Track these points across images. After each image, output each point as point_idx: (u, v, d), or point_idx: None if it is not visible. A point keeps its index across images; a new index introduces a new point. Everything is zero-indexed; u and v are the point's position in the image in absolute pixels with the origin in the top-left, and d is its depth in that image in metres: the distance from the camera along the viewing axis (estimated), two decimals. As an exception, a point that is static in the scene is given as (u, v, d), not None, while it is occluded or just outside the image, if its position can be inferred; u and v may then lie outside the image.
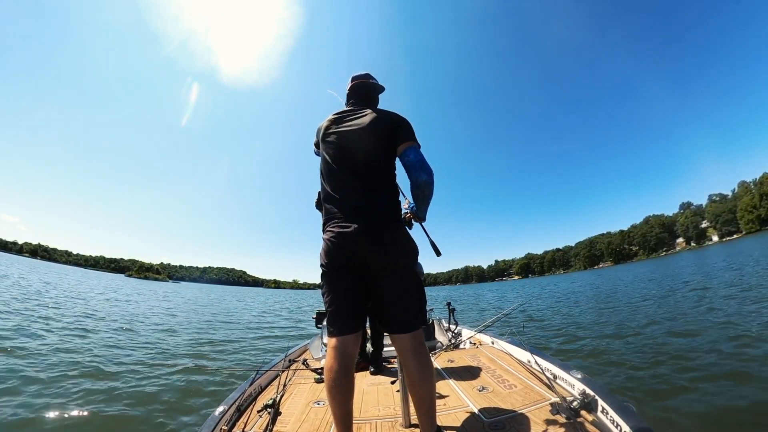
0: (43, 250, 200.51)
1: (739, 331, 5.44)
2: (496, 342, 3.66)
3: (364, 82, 2.05)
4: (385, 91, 2.13)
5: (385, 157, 1.85)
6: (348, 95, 2.07)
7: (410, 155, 1.80)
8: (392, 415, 2.14)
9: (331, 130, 1.92)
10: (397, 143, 1.83)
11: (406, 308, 1.76)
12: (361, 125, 1.85)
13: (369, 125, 1.84)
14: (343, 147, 1.86)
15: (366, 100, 2.04)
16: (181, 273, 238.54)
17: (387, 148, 1.84)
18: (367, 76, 2.07)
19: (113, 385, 4.32)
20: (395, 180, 1.93)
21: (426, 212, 1.99)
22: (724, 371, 3.93)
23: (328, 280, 1.79)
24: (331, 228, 1.78)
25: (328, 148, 1.90)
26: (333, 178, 1.86)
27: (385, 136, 1.83)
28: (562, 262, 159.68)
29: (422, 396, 1.70)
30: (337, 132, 1.90)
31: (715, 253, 40.18)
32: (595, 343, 6.16)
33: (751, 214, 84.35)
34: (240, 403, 2.31)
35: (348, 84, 2.09)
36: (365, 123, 1.85)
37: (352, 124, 1.88)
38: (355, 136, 1.85)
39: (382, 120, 1.86)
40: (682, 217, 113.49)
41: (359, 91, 2.05)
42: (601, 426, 1.83)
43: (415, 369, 1.68)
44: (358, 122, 1.87)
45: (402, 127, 1.86)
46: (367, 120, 1.85)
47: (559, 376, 2.42)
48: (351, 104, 2.03)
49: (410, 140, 1.83)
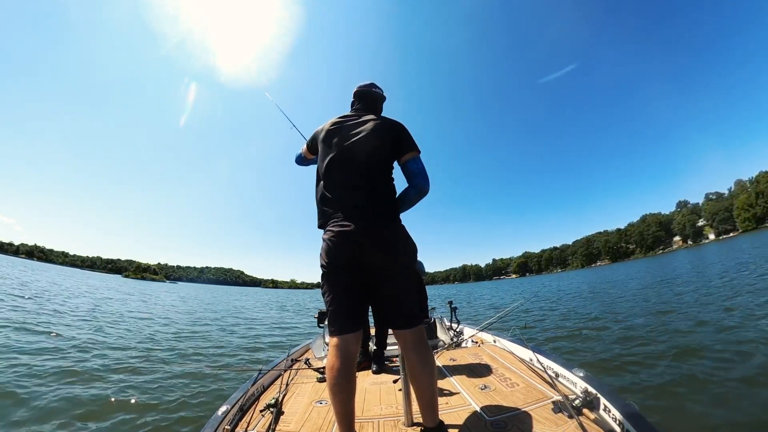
0: (39, 252, 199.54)
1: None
2: (498, 340, 3.66)
3: (368, 90, 2.15)
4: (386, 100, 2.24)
5: (386, 161, 1.94)
6: (353, 101, 2.17)
7: (414, 165, 1.94)
8: (395, 414, 2.14)
9: (334, 133, 1.98)
10: (402, 152, 1.95)
11: (407, 306, 1.80)
12: (365, 130, 1.92)
13: (372, 130, 1.92)
14: (346, 149, 1.91)
15: (369, 106, 2.12)
16: (178, 273, 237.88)
17: (388, 154, 1.93)
18: (371, 85, 2.17)
19: (114, 386, 4.31)
20: (393, 182, 1.98)
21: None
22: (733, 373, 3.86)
23: (329, 279, 1.81)
24: (330, 228, 1.81)
25: (330, 150, 1.95)
26: (333, 179, 1.90)
27: (387, 142, 1.92)
28: (560, 260, 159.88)
29: (423, 388, 1.76)
30: (341, 135, 1.95)
31: (712, 252, 40.28)
32: (596, 341, 6.17)
33: (748, 213, 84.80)
34: (243, 402, 2.30)
35: (354, 90, 2.18)
36: (369, 128, 1.93)
37: (356, 128, 1.95)
38: (359, 140, 1.91)
39: (385, 127, 1.95)
40: (679, 216, 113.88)
41: (364, 97, 2.14)
42: (603, 424, 1.83)
43: (417, 362, 1.75)
44: (362, 127, 1.94)
45: (404, 136, 1.97)
46: (371, 126, 1.93)
47: (561, 374, 2.42)
48: (355, 110, 2.13)
49: (414, 150, 1.95)
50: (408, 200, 1.97)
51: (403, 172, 1.97)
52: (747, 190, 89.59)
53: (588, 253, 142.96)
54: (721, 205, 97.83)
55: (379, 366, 3.14)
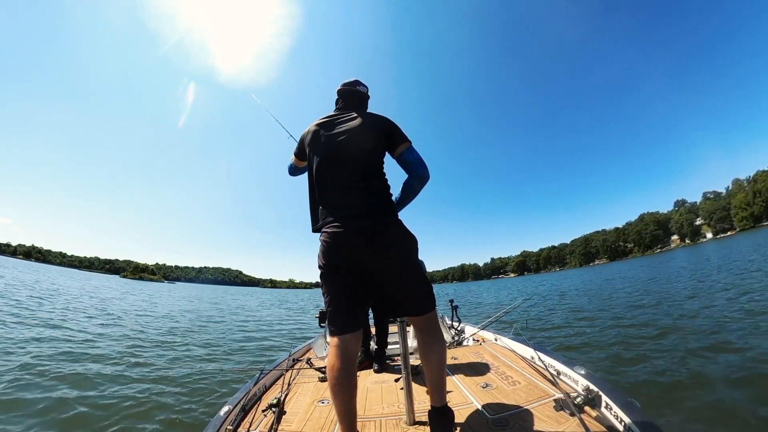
0: (37, 252, 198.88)
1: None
2: (500, 339, 3.65)
3: (353, 89, 2.11)
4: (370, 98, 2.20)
5: (377, 157, 1.92)
6: (337, 99, 2.12)
7: (410, 155, 1.93)
8: (396, 413, 2.13)
9: (321, 134, 1.94)
10: (395, 145, 1.93)
11: (416, 296, 1.83)
12: (353, 128, 1.90)
13: (361, 128, 1.89)
14: (336, 149, 1.88)
15: (354, 104, 2.08)
16: (176, 273, 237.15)
17: (378, 150, 1.92)
18: (356, 83, 2.14)
19: (117, 386, 4.31)
20: (386, 177, 1.96)
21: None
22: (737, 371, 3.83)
23: (327, 280, 1.81)
24: (327, 229, 1.80)
25: (319, 152, 1.92)
26: (325, 180, 1.88)
27: (376, 138, 1.90)
28: (558, 259, 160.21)
29: (432, 366, 1.80)
30: (329, 135, 1.92)
31: (710, 250, 40.40)
32: (598, 339, 6.17)
33: (745, 212, 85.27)
34: (245, 402, 2.30)
35: (337, 88, 2.13)
36: (357, 126, 1.90)
37: (344, 126, 1.91)
38: (348, 138, 1.87)
39: (372, 123, 1.93)
40: (677, 215, 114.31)
41: (348, 96, 2.10)
42: (604, 422, 1.83)
43: (427, 343, 1.81)
44: (349, 125, 1.91)
45: (394, 130, 1.95)
46: (358, 123, 1.91)
47: (562, 372, 2.42)
48: (338, 109, 2.08)
49: (406, 141, 1.94)
50: (412, 191, 1.98)
51: (401, 164, 1.97)
52: (744, 189, 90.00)
53: (586, 252, 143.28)
54: (719, 204, 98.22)
55: (381, 365, 3.14)
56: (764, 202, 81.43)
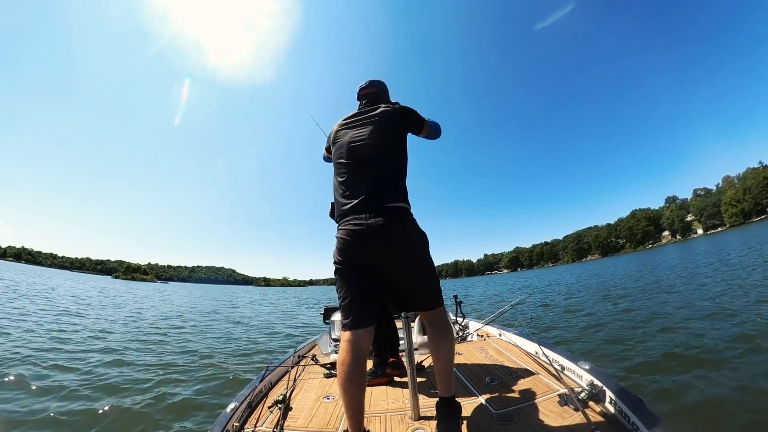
0: (27, 254, 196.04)
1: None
2: (504, 334, 3.65)
3: (370, 90, 2.24)
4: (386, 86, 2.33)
5: (395, 155, 1.98)
6: (359, 97, 2.26)
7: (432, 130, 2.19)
8: (401, 409, 2.14)
9: (343, 131, 2.05)
10: (418, 130, 2.13)
11: (428, 292, 1.88)
12: (373, 125, 1.99)
13: (380, 124, 1.99)
14: (353, 148, 1.96)
15: (376, 101, 2.19)
16: (169, 273, 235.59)
17: (397, 147, 2.00)
18: (371, 83, 2.26)
19: (122, 384, 4.31)
20: (403, 176, 2.00)
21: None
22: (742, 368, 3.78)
23: (342, 276, 1.83)
24: (344, 226, 1.84)
25: (340, 149, 2.01)
26: (347, 177, 1.94)
27: (394, 136, 2.00)
28: (551, 255, 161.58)
29: (442, 358, 1.84)
30: (350, 132, 2.02)
31: (701, 246, 40.85)
32: (602, 334, 6.15)
33: (735, 208, 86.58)
34: (251, 399, 2.29)
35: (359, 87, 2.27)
36: (376, 123, 1.99)
37: (363, 125, 2.01)
38: (367, 137, 1.96)
39: (390, 116, 2.02)
40: (668, 211, 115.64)
41: (367, 96, 2.23)
42: (609, 417, 1.83)
43: (436, 336, 1.87)
44: (369, 123, 2.00)
45: (412, 117, 2.09)
46: (378, 119, 2.00)
47: (567, 367, 2.43)
48: (362, 105, 2.20)
49: (424, 125, 2.14)
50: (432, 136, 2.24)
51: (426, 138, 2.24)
52: (734, 186, 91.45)
53: (579, 247, 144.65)
54: (709, 200, 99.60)
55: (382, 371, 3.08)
56: (754, 198, 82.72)
